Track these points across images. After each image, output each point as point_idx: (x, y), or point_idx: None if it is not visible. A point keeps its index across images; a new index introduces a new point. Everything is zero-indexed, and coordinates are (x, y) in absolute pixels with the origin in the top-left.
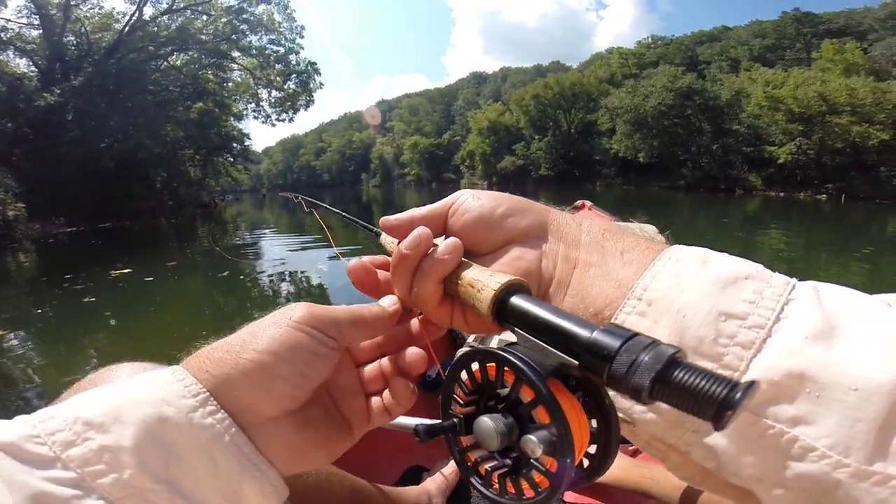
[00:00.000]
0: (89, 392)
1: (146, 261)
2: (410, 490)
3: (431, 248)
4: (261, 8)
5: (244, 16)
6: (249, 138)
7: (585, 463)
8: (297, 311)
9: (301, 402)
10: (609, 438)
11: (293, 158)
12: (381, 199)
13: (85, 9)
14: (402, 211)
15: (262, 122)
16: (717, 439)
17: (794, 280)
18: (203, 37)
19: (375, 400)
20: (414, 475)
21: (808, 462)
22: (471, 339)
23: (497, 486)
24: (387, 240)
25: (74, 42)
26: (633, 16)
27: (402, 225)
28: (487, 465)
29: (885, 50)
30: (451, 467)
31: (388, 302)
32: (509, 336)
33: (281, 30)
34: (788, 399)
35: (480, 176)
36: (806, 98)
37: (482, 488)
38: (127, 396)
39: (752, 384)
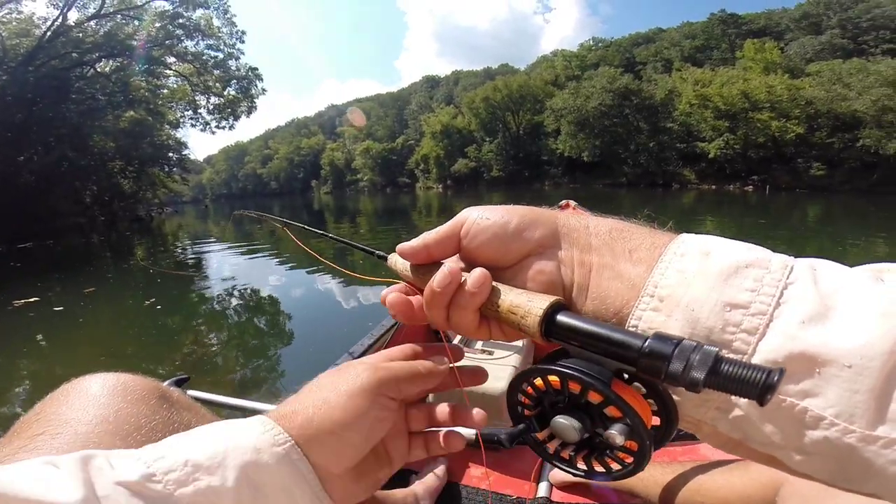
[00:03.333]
0: (192, 433)
1: (63, 286)
2: (397, 492)
3: (462, 278)
4: (198, 12)
5: (180, 20)
6: (187, 147)
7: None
8: (364, 376)
9: (362, 457)
10: (669, 412)
11: (238, 167)
12: (334, 205)
13: (0, 14)
14: (356, 215)
15: (201, 130)
16: (739, 413)
17: (791, 262)
18: (134, 42)
19: (416, 437)
20: (402, 477)
21: (821, 429)
22: (456, 339)
23: (584, 465)
24: (397, 263)
25: None
26: (577, 19)
27: (417, 252)
28: (569, 452)
29: (799, 49)
30: (439, 470)
31: (438, 360)
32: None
33: (220, 35)
34: (795, 376)
35: (435, 179)
36: (731, 96)
37: (568, 468)
38: (227, 442)
39: (782, 371)
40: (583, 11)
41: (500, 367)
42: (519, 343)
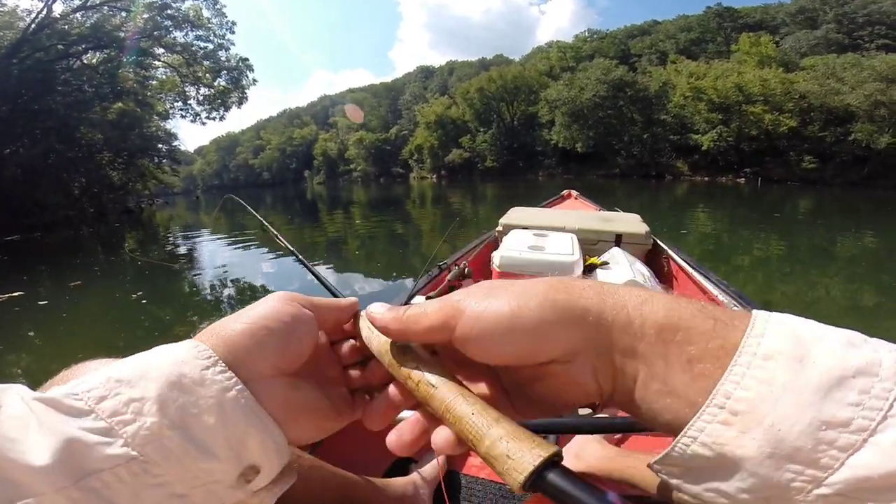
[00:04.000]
0: (116, 361)
1: (49, 279)
2: (397, 481)
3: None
4: (188, 3)
5: (168, 11)
6: (177, 138)
7: None
8: (278, 293)
9: (291, 365)
10: None
11: (229, 158)
12: (327, 195)
13: None
14: (350, 205)
15: (191, 121)
16: None
17: None
18: (122, 34)
19: (362, 396)
20: (402, 466)
21: None
22: None
23: None
24: (366, 329)
25: None
26: (573, 10)
27: (394, 333)
28: None
29: (794, 43)
30: (438, 458)
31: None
32: None
33: (210, 25)
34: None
35: (429, 169)
36: (725, 89)
37: None
38: (151, 359)
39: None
40: (578, 3)
41: None
42: None
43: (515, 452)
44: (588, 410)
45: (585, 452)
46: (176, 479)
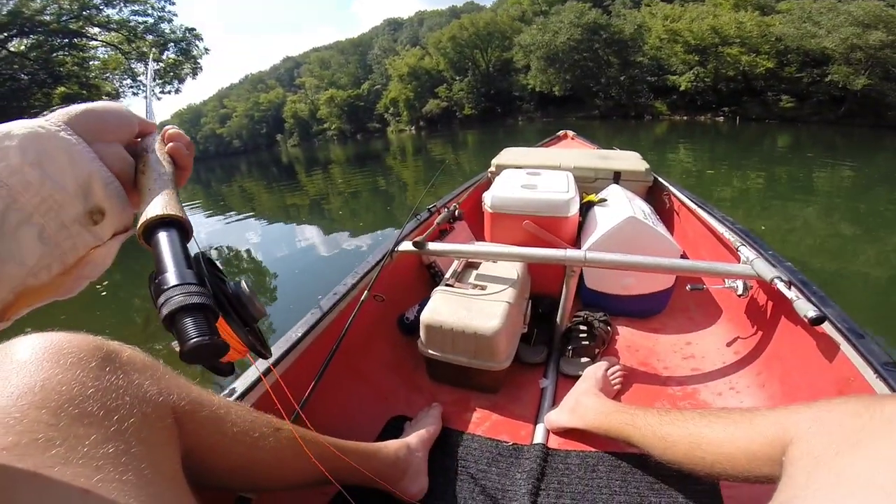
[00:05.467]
0: None
1: None
2: (390, 445)
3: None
4: None
5: None
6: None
7: None
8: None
9: (121, 138)
10: None
11: (195, 129)
12: (304, 157)
13: None
14: (328, 164)
15: (145, 98)
16: None
17: None
18: (47, 17)
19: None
20: (396, 426)
21: None
22: (448, 275)
23: None
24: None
25: None
26: None
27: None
28: None
29: None
30: (433, 416)
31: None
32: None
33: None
34: None
35: (406, 122)
36: (700, 31)
37: None
38: (14, 123)
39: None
40: None
41: (492, 303)
42: (513, 276)
43: (150, 207)
44: (587, 359)
45: (581, 407)
46: (34, 207)
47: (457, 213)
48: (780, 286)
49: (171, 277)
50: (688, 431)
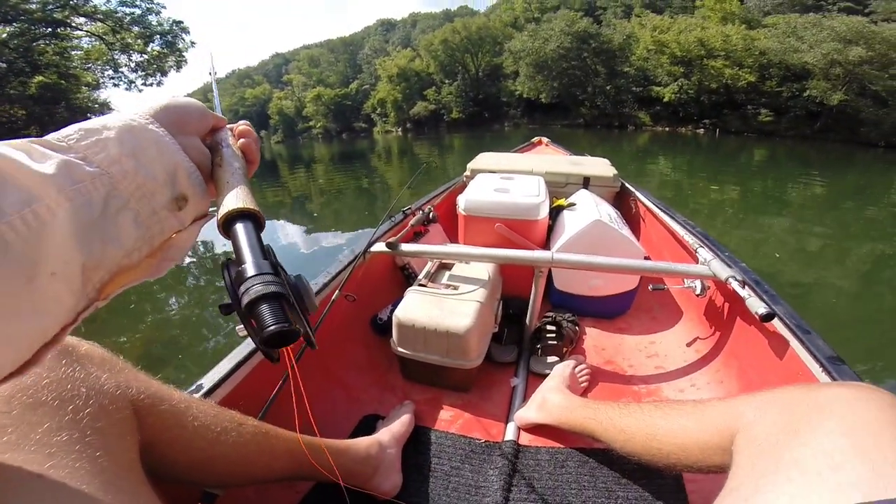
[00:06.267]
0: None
1: None
2: (361, 442)
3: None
4: None
5: None
6: (110, 108)
7: None
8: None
9: (200, 132)
10: None
11: None
12: (287, 154)
13: None
14: (312, 162)
15: (126, 89)
16: None
17: None
18: (32, 6)
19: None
20: (368, 425)
21: None
22: (421, 276)
23: None
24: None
25: None
26: None
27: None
28: None
29: (758, 1)
30: (406, 415)
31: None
32: None
33: None
34: None
35: (393, 123)
36: (687, 43)
37: None
38: (108, 117)
39: None
40: None
41: (464, 302)
42: (484, 277)
43: (229, 200)
44: (556, 358)
45: (548, 403)
46: (130, 194)
47: (431, 215)
48: (735, 285)
49: (251, 268)
50: (644, 423)
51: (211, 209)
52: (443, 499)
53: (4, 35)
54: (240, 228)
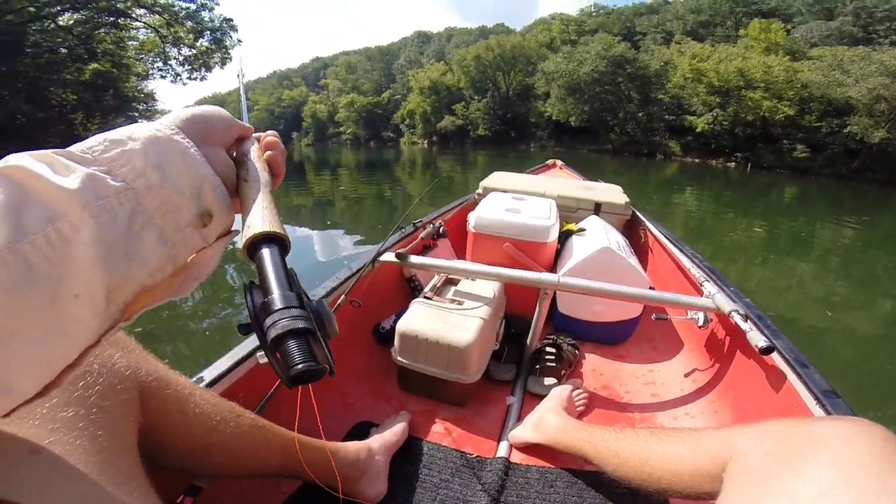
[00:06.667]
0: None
1: None
2: (350, 445)
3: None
4: None
5: None
6: (155, 99)
7: None
8: (215, 107)
9: (225, 143)
10: None
11: None
12: (315, 157)
13: None
14: (337, 167)
15: (172, 82)
16: None
17: None
18: None
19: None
20: (361, 432)
21: None
22: (427, 289)
23: None
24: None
25: None
26: None
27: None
28: None
29: (805, 32)
30: (399, 424)
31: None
32: None
33: None
34: None
35: (420, 135)
36: (726, 72)
37: None
38: (134, 127)
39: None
40: None
41: (467, 318)
42: (490, 294)
43: (255, 221)
44: (554, 380)
45: (544, 423)
46: (155, 210)
47: (441, 230)
48: (737, 318)
49: (278, 300)
50: (639, 448)
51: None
52: None
53: (71, 21)
54: (266, 254)
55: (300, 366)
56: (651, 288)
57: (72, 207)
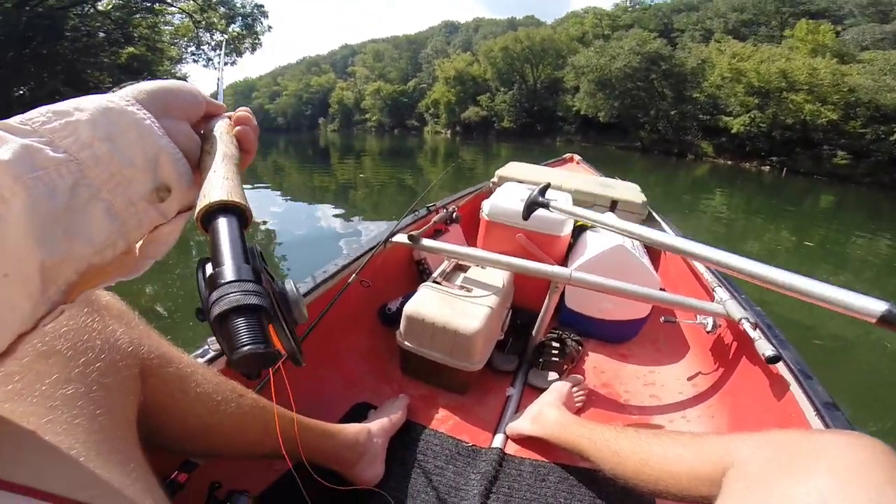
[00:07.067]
0: None
1: None
2: (350, 427)
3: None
4: None
5: None
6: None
7: None
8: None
9: (190, 116)
10: None
11: (245, 102)
12: (340, 143)
13: None
14: (361, 154)
15: (204, 66)
16: None
17: None
18: None
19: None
20: (360, 412)
21: None
22: (436, 273)
23: None
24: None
25: None
26: None
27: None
28: None
29: (856, 35)
30: (399, 408)
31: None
32: None
33: None
34: None
35: (444, 125)
36: (768, 73)
37: None
38: (84, 98)
39: None
40: None
41: (475, 305)
42: (499, 284)
43: (212, 190)
44: (555, 374)
45: (543, 417)
46: (103, 183)
47: (454, 215)
48: (746, 326)
49: (227, 271)
50: (640, 448)
51: None
52: (422, 495)
53: (110, 6)
54: (221, 224)
55: (245, 348)
56: (661, 289)
57: (2, 180)
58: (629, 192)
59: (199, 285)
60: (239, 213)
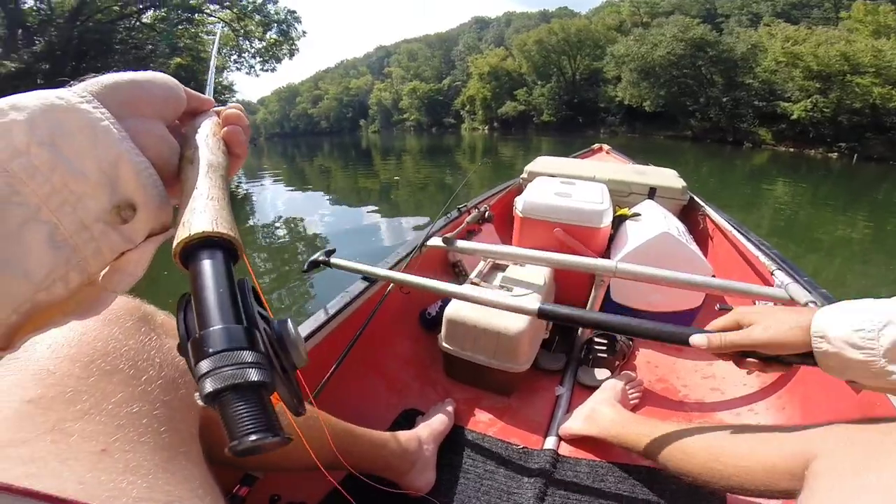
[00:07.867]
0: None
1: None
2: (400, 435)
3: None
4: None
5: None
6: (232, 90)
7: None
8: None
9: (166, 115)
10: None
11: (290, 107)
12: (381, 144)
13: None
14: (402, 153)
15: (246, 74)
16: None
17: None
18: None
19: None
20: (408, 419)
21: None
22: (473, 274)
23: None
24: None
25: (35, 8)
26: None
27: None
28: None
29: None
30: (446, 413)
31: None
32: None
33: None
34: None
35: (481, 121)
36: (827, 56)
37: None
38: (26, 94)
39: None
40: None
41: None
42: (539, 281)
43: (194, 217)
44: (607, 373)
45: (598, 415)
46: (42, 200)
47: (486, 214)
48: None
49: (218, 338)
50: (708, 444)
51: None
52: (473, 501)
53: (156, 20)
54: (205, 267)
55: (249, 438)
56: (713, 276)
57: None
58: (667, 178)
59: (181, 334)
60: (228, 249)
